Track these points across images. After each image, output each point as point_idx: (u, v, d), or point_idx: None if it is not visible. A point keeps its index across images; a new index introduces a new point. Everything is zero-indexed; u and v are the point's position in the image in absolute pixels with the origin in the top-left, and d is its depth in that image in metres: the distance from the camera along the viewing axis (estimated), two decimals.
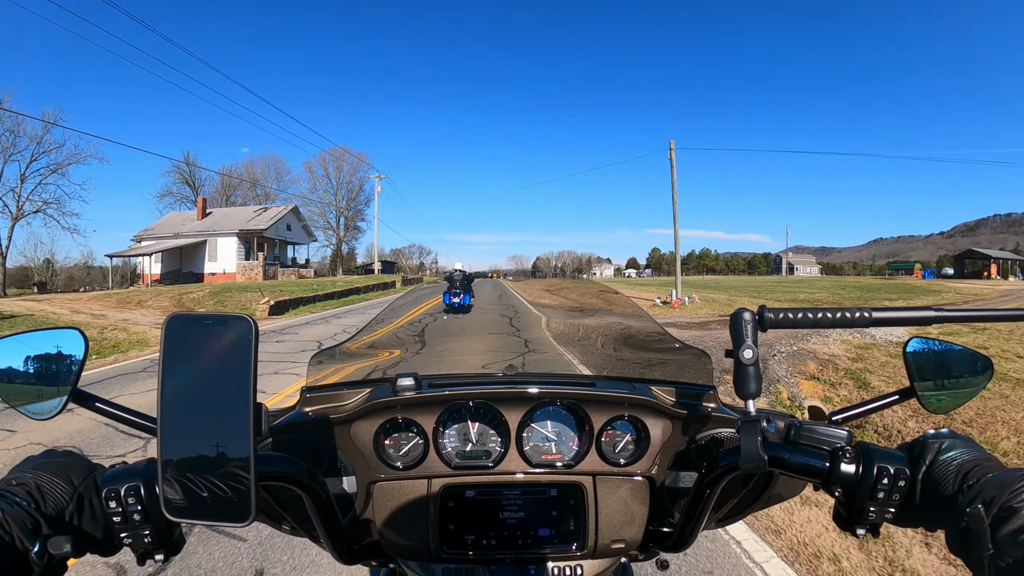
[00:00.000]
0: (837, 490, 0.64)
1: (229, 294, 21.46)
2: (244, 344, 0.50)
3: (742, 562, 2.85)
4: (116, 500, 0.58)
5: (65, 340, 0.67)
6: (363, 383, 1.01)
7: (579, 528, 0.87)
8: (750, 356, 0.69)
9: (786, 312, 0.73)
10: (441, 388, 0.92)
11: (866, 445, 0.64)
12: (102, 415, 0.69)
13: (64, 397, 0.65)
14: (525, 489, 0.88)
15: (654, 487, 0.91)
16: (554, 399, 0.92)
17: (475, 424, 0.92)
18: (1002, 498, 0.49)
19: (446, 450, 0.91)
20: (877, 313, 0.73)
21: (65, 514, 0.55)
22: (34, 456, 0.60)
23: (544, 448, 0.92)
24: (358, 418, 0.90)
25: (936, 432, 0.63)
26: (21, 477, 0.56)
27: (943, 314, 0.73)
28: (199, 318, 0.51)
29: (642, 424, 0.92)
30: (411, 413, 0.90)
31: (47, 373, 0.66)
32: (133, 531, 0.59)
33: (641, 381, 1.00)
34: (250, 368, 0.50)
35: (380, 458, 0.89)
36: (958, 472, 0.56)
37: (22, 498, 0.53)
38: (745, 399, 0.70)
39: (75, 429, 4.88)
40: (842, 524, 0.67)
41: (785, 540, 3.06)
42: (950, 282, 46.13)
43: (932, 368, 0.76)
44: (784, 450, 0.66)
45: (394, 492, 0.87)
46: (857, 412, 0.76)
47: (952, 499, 0.55)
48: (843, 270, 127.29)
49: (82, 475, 0.59)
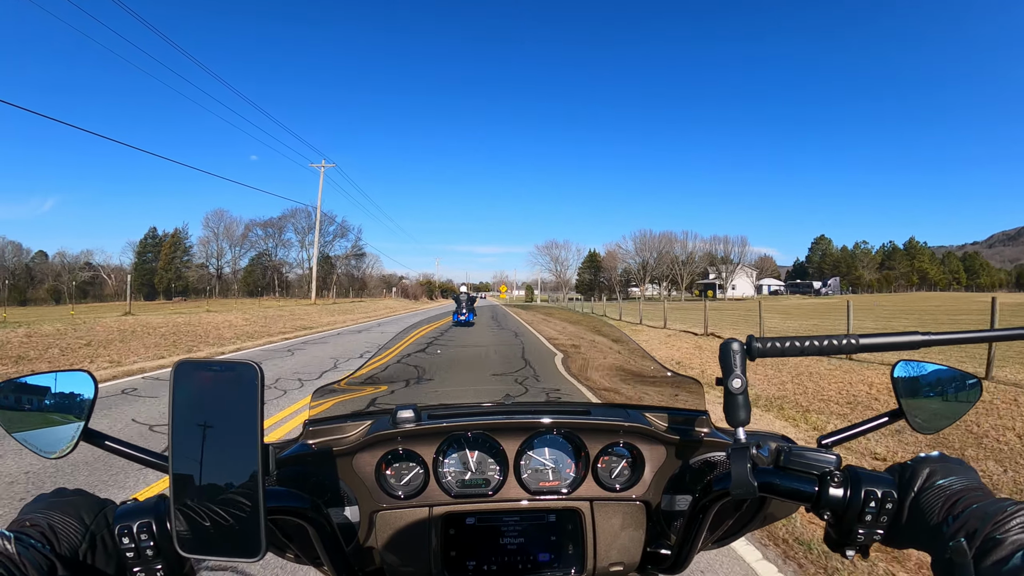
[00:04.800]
0: (826, 513, 0.65)
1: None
2: (250, 389, 0.52)
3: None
4: (129, 536, 0.59)
5: (76, 382, 0.70)
6: (364, 415, 1.03)
7: (578, 552, 0.88)
8: (739, 385, 0.71)
9: (774, 341, 0.74)
10: (440, 420, 0.94)
11: (854, 469, 0.66)
12: (113, 453, 0.71)
13: (75, 436, 0.68)
14: (524, 515, 0.89)
15: (650, 510, 0.93)
16: (550, 428, 0.94)
17: (474, 453, 0.94)
18: (985, 529, 0.50)
19: (446, 479, 0.92)
20: (864, 339, 0.73)
21: (79, 553, 0.57)
22: (45, 495, 0.62)
23: (542, 475, 0.94)
24: (360, 450, 0.91)
25: (926, 455, 0.63)
26: (34, 518, 0.57)
27: (930, 338, 0.73)
28: (207, 364, 0.54)
29: (637, 450, 0.94)
30: (411, 444, 0.92)
31: (59, 413, 0.69)
32: (145, 566, 0.60)
33: (635, 407, 1.02)
34: (257, 411, 0.52)
35: (382, 488, 0.91)
36: (945, 502, 0.57)
37: (36, 540, 0.54)
38: (735, 427, 0.72)
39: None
40: (832, 546, 0.68)
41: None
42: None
43: (920, 389, 0.77)
44: (774, 475, 0.68)
45: (396, 521, 0.89)
46: (846, 436, 0.78)
47: (937, 529, 0.56)
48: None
49: (93, 513, 0.60)
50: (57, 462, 4.69)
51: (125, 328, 14.00)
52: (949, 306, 36.64)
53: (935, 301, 48.11)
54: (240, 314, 22.06)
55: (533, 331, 11.02)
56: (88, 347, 11.51)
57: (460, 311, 5.29)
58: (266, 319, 21.06)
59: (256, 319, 20.64)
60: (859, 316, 20.43)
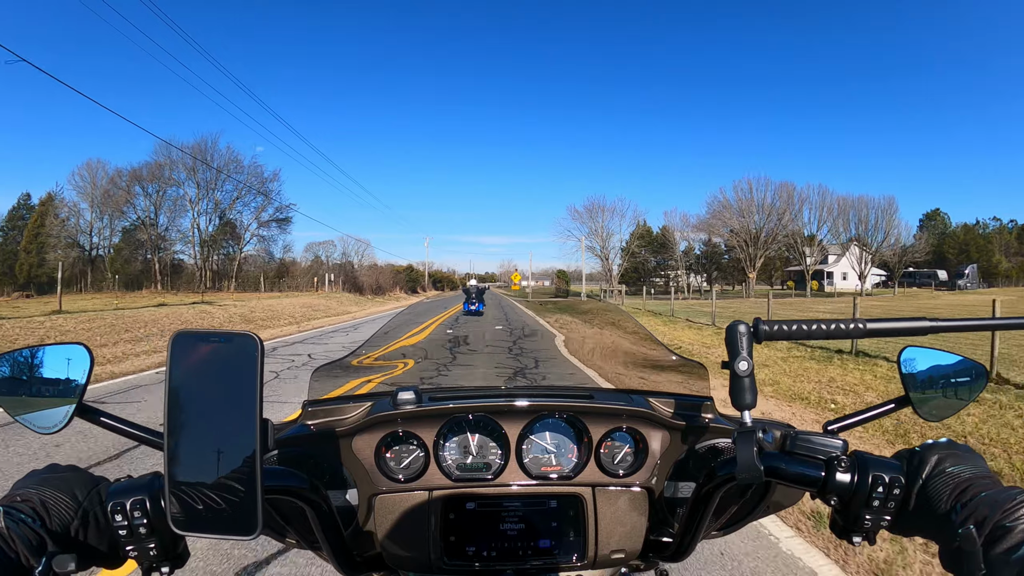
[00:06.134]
0: (833, 499, 0.65)
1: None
2: (250, 361, 0.51)
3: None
4: (122, 514, 0.58)
5: (72, 355, 0.68)
6: (364, 397, 1.02)
7: (579, 539, 0.88)
8: (745, 368, 0.70)
9: (781, 324, 0.73)
10: (441, 402, 0.93)
11: (861, 454, 0.65)
12: (108, 429, 0.70)
13: (70, 411, 0.66)
14: (525, 501, 0.89)
15: (653, 497, 0.92)
16: (553, 412, 0.93)
17: (475, 436, 0.93)
18: (994, 517, 0.50)
19: (446, 463, 0.92)
20: (872, 324, 0.73)
21: (71, 529, 0.56)
22: (38, 470, 0.61)
23: (543, 460, 0.93)
24: (359, 432, 0.90)
25: (934, 442, 0.63)
26: (25, 493, 0.56)
27: (938, 324, 0.73)
28: (205, 335, 0.52)
29: (640, 435, 0.93)
30: (411, 426, 0.91)
31: (53, 387, 0.67)
32: (139, 544, 0.59)
33: (639, 393, 1.01)
34: (256, 384, 0.51)
35: (381, 471, 0.90)
36: (953, 490, 0.57)
37: (27, 515, 0.53)
38: (741, 410, 0.71)
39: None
40: (838, 532, 0.67)
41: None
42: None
43: (926, 376, 0.77)
44: (780, 460, 0.67)
45: (395, 504, 0.88)
46: (852, 421, 0.77)
47: (945, 517, 0.55)
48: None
49: (86, 489, 0.59)
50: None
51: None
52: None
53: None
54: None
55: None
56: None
57: (471, 302, 6.39)
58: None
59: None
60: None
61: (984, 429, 5.20)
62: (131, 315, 16.89)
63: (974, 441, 4.90)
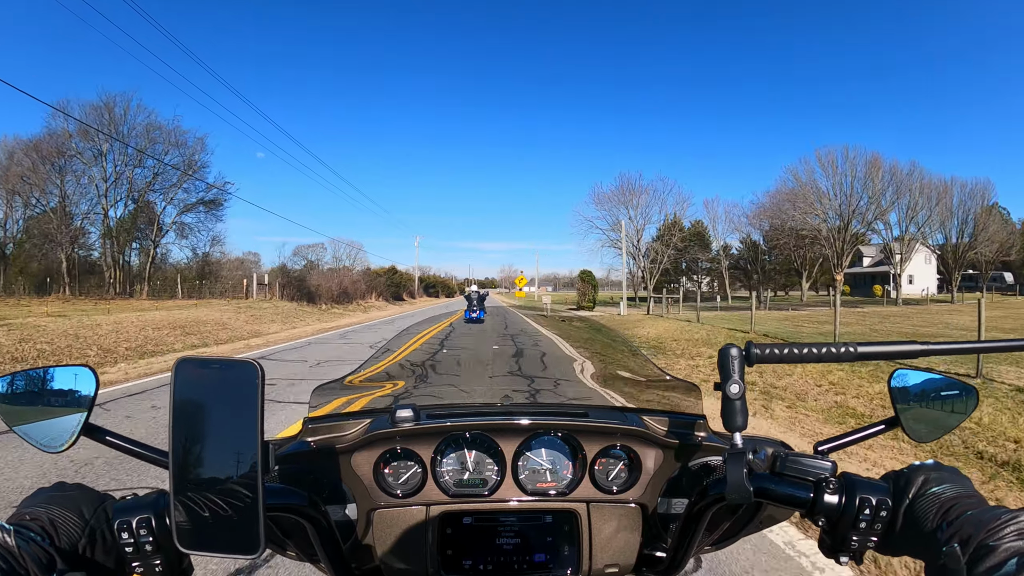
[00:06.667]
0: (821, 519, 0.66)
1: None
2: (251, 387, 0.53)
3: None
4: (128, 531, 0.60)
5: (77, 376, 0.70)
6: (363, 413, 1.03)
7: (574, 553, 0.89)
8: (736, 391, 0.72)
9: (772, 348, 0.74)
10: (438, 419, 0.94)
11: (849, 476, 0.66)
12: (114, 448, 0.72)
13: (76, 431, 0.68)
14: (521, 516, 0.90)
15: (646, 513, 0.93)
16: (548, 430, 0.94)
17: (472, 453, 0.95)
18: (979, 536, 0.50)
19: (444, 479, 0.93)
20: (863, 348, 0.73)
21: (78, 547, 0.57)
22: (45, 488, 0.62)
23: (539, 476, 0.95)
24: (358, 448, 0.92)
25: (921, 464, 0.64)
26: (34, 512, 0.58)
27: (929, 347, 0.73)
28: (208, 362, 0.54)
29: (634, 453, 0.94)
30: (409, 443, 0.93)
31: (59, 407, 0.69)
32: (144, 561, 0.61)
33: (633, 411, 1.02)
34: (257, 409, 0.53)
35: (380, 486, 0.91)
36: (939, 509, 0.57)
37: (36, 533, 0.55)
38: (732, 432, 0.72)
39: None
40: (826, 551, 0.68)
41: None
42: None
43: (916, 398, 0.78)
44: (769, 481, 0.68)
45: (394, 519, 0.89)
46: (842, 442, 0.78)
47: (931, 536, 0.56)
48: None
49: (93, 507, 0.61)
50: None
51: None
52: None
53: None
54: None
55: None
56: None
57: (472, 308, 6.11)
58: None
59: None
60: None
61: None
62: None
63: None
